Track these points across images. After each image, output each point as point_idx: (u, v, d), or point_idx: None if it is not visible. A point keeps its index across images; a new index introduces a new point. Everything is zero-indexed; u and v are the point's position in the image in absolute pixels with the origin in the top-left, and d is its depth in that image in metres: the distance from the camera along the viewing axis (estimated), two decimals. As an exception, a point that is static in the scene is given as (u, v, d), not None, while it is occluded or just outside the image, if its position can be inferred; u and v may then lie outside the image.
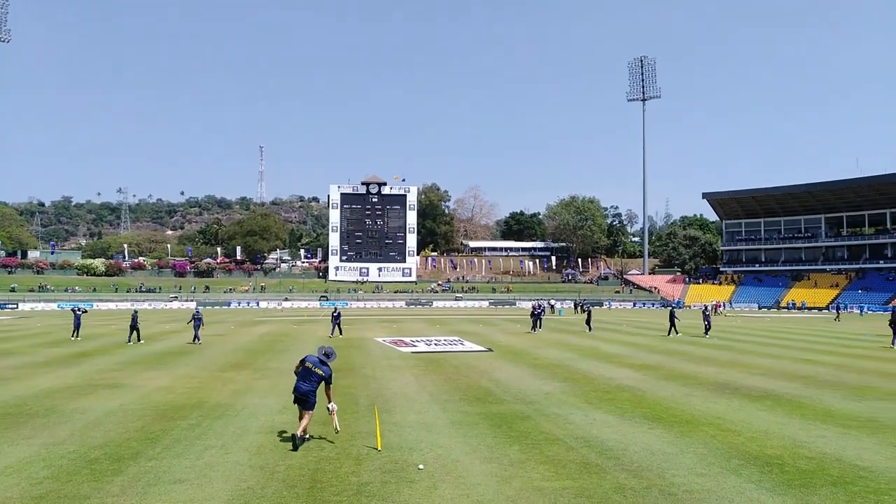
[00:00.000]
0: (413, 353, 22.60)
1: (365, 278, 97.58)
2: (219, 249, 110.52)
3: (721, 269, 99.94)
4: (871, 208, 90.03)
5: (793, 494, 7.04)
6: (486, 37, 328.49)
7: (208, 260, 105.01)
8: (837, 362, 20.21)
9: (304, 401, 9.20)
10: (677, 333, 30.63)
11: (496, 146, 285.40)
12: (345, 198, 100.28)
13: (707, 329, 30.88)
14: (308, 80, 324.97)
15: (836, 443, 9.43)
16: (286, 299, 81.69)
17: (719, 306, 67.09)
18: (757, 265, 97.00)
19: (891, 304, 64.66)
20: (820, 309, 75.22)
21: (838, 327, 40.38)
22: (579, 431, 10.08)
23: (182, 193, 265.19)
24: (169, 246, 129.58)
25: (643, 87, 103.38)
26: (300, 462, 8.25)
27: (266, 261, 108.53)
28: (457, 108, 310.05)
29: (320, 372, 9.30)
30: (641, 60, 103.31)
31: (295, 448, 8.79)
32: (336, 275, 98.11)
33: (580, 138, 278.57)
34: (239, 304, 77.38)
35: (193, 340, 25.14)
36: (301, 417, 9.22)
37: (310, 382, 9.22)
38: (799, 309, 76.25)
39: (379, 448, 8.85)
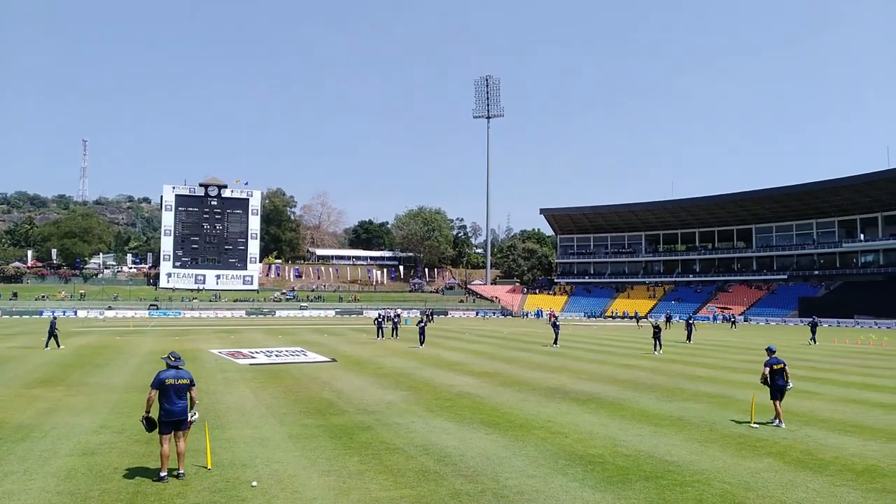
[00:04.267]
0: (251, 365, 21.64)
1: (201, 286, 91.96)
2: (30, 252, 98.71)
3: (555, 281, 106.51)
4: (682, 228, 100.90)
5: (612, 490, 7.62)
6: (336, 44, 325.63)
7: (17, 264, 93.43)
8: (653, 367, 22.30)
9: (181, 422, 8.09)
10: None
11: (345, 154, 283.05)
12: (180, 199, 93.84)
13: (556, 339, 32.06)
14: (142, 71, 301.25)
15: (649, 441, 10.36)
16: (109, 308, 74.76)
17: (553, 316, 71.39)
18: (587, 277, 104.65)
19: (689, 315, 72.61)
20: (641, 318, 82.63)
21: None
22: (419, 440, 10.19)
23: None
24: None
25: (488, 105, 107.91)
26: (117, 486, 7.54)
27: (87, 266, 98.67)
28: (305, 114, 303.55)
29: (186, 380, 8.23)
30: (487, 80, 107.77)
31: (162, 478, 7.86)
32: (168, 282, 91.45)
33: (429, 151, 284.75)
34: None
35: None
36: (164, 445, 7.97)
37: (182, 398, 8.15)
38: (621, 318, 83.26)
39: (209, 467, 8.33)
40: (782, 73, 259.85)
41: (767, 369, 11.67)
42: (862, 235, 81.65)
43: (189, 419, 8.23)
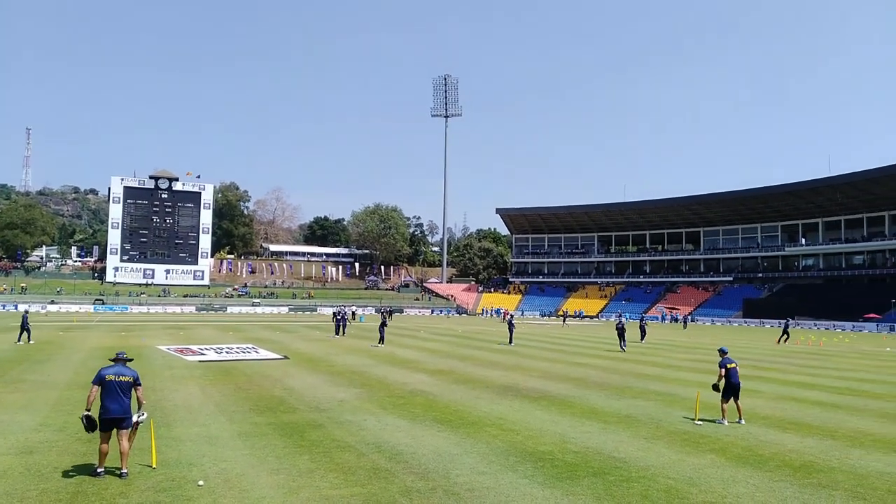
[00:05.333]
0: (201, 361, 21.18)
1: (150, 281, 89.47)
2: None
3: (510, 280, 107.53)
4: (633, 229, 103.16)
5: (560, 486, 7.74)
6: (293, 39, 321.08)
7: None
8: (603, 365, 22.73)
9: (121, 421, 7.80)
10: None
11: (301, 149, 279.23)
12: (129, 192, 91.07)
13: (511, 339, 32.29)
14: (91, 58, 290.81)
15: (598, 437, 10.56)
16: (52, 302, 72.10)
17: (507, 314, 71.95)
18: (541, 277, 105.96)
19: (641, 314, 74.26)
20: (592, 317, 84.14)
21: (601, 334, 45.41)
22: (371, 437, 10.15)
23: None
24: None
25: (446, 104, 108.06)
26: (57, 486, 7.29)
27: (29, 258, 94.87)
28: (261, 108, 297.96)
29: (128, 378, 7.96)
30: (445, 79, 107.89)
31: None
32: (115, 276, 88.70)
33: (387, 148, 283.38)
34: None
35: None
36: (103, 442, 7.76)
37: (123, 396, 7.85)
38: (573, 317, 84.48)
39: (154, 465, 8.12)
40: (735, 80, 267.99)
41: (723, 370, 12.03)
42: (803, 240, 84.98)
43: (135, 419, 8.01)
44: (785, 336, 38.76)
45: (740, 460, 9.21)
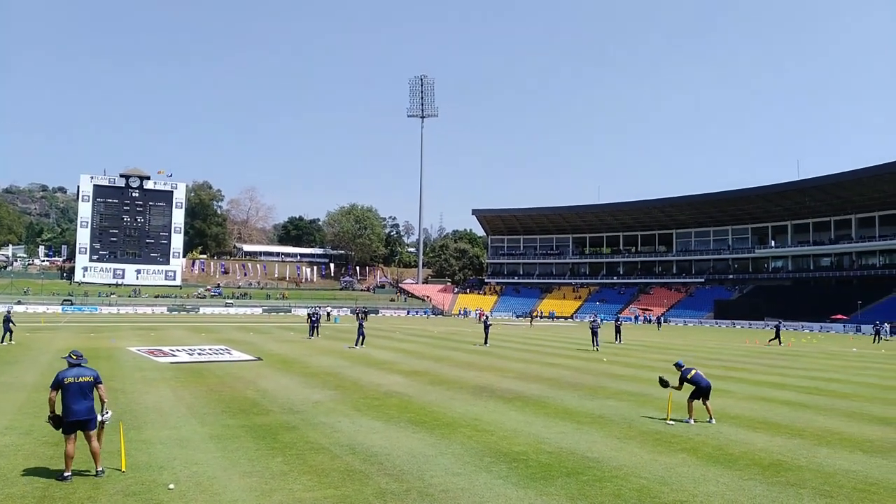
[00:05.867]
0: (172, 363, 20.87)
1: (120, 281, 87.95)
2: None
3: (486, 281, 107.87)
4: (608, 231, 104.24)
5: (534, 487, 7.77)
6: (268, 36, 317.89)
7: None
8: (577, 366, 22.90)
9: (86, 422, 7.69)
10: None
11: (276, 148, 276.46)
12: (99, 190, 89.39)
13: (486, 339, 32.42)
14: (59, 51, 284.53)
15: (571, 437, 10.64)
16: (19, 302, 70.44)
17: (483, 315, 72.15)
18: (516, 277, 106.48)
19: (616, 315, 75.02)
20: (566, 318, 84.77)
21: (575, 334, 45.79)
22: (345, 439, 10.10)
23: None
24: None
25: (422, 104, 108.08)
26: (23, 490, 7.12)
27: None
28: (235, 106, 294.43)
29: (88, 378, 7.82)
30: (422, 79, 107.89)
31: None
32: (84, 276, 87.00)
33: (362, 148, 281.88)
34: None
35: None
36: (68, 444, 7.62)
37: (87, 396, 7.72)
38: (545, 318, 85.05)
39: (123, 469, 7.97)
40: (706, 83, 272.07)
41: (686, 382, 12.16)
42: (773, 242, 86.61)
43: (100, 419, 7.89)
44: (776, 339, 38.72)
45: (711, 459, 9.35)
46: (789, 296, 76.87)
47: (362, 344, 28.58)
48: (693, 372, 12.26)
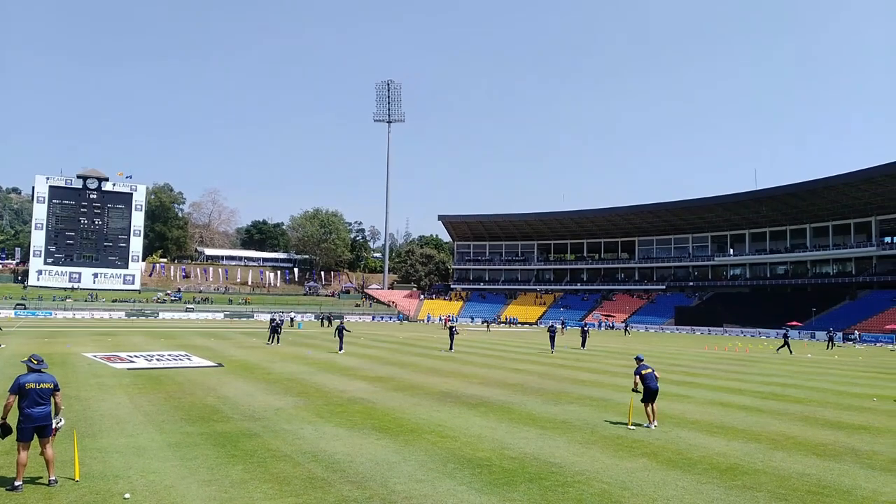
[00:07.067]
0: (130, 369, 20.35)
1: (76, 285, 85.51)
2: None
3: (452, 287, 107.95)
4: (572, 238, 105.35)
5: (497, 492, 7.79)
6: (232, 37, 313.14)
7: None
8: (541, 371, 23.07)
9: (43, 428, 7.51)
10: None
11: (239, 151, 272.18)
12: (55, 191, 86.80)
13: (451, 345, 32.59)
14: (15, 49, 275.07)
15: (535, 443, 10.70)
16: (-32, 307, 67.99)
17: (448, 320, 72.21)
18: (482, 283, 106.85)
19: (581, 321, 75.88)
20: (531, 324, 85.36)
21: (537, 339, 46.12)
22: (308, 446, 9.97)
23: None
24: None
25: (389, 109, 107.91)
26: (-34, 504, 6.85)
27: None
28: (198, 107, 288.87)
29: (49, 384, 7.65)
30: (388, 84, 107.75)
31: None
32: (39, 280, 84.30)
33: (328, 152, 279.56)
34: None
35: None
36: (21, 452, 7.40)
37: (45, 402, 7.57)
38: (507, 323, 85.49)
39: (77, 478, 7.74)
40: (670, 92, 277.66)
41: (638, 377, 12.41)
42: (731, 250, 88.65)
43: (54, 425, 7.70)
44: (786, 347, 39.42)
45: (670, 464, 9.50)
46: (747, 303, 78.78)
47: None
48: (648, 370, 12.47)
